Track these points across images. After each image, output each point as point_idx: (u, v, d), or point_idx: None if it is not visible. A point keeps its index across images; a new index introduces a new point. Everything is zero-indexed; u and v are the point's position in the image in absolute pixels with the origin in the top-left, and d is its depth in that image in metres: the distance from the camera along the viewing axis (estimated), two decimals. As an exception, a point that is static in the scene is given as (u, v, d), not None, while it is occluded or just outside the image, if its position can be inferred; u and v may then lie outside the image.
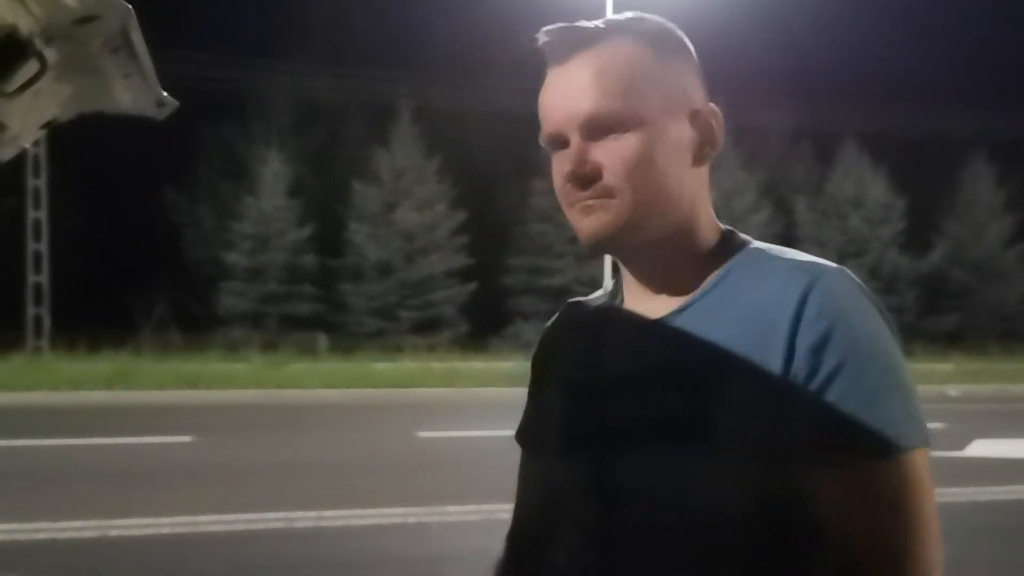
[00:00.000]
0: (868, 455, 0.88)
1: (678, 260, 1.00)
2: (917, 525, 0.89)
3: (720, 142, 1.02)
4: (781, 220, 29.23)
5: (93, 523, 5.54)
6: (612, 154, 0.96)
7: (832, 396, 0.89)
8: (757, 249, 1.02)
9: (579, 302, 1.16)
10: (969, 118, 29.79)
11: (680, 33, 1.03)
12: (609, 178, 0.96)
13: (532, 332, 26.02)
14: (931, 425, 0.94)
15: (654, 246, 0.99)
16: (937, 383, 16.74)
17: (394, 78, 27.47)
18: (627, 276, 1.05)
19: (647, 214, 0.97)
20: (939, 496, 0.84)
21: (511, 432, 1.19)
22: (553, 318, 1.18)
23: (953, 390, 16.72)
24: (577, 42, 0.98)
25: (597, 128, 0.96)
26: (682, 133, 0.99)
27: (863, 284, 0.97)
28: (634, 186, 0.96)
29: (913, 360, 21.88)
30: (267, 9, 33.95)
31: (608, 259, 19.70)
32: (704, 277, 1.00)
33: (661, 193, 0.97)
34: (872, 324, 0.94)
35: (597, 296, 1.14)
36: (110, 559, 5.04)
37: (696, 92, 1.01)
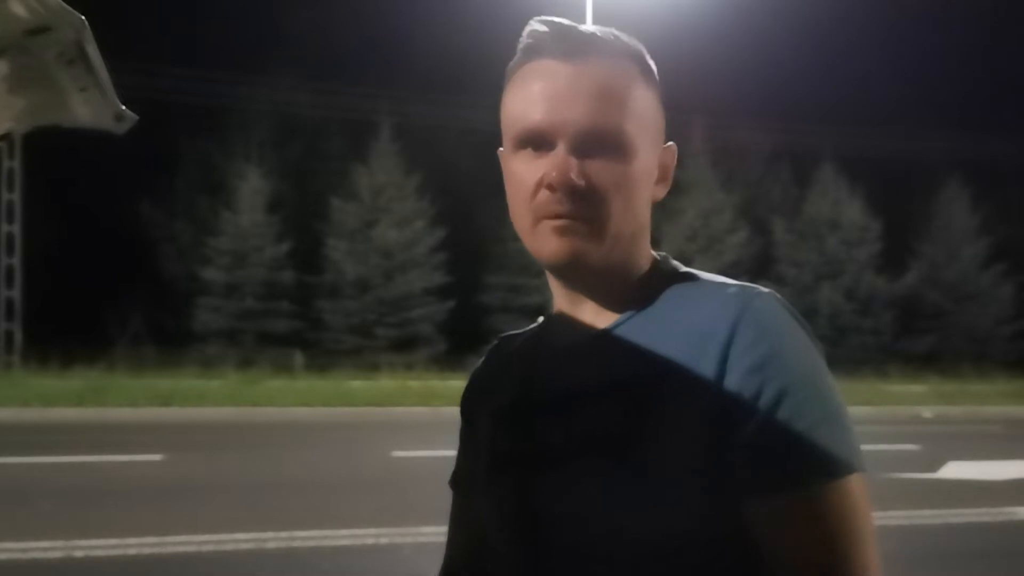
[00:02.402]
0: (810, 481, 0.87)
1: (616, 284, 0.98)
2: (859, 549, 0.87)
3: (671, 176, 1.01)
4: (759, 241, 29.47)
5: (59, 543, 5.44)
6: (602, 176, 0.91)
7: (773, 423, 0.87)
8: (688, 273, 1.00)
9: (510, 336, 1.13)
10: (944, 142, 30.26)
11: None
12: (596, 199, 0.92)
13: (510, 350, 25.95)
14: (906, 447, 0.93)
15: (601, 269, 0.96)
16: (911, 404, 16.87)
17: (374, 94, 27.53)
18: (558, 299, 1.03)
19: (615, 241, 0.94)
20: (913, 518, 0.82)
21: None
22: (482, 358, 1.15)
23: (927, 412, 16.84)
24: (582, 45, 0.93)
25: (590, 143, 0.91)
26: (654, 165, 0.98)
27: (793, 308, 0.95)
28: (616, 213, 0.93)
29: (888, 381, 22.08)
30: (247, 24, 33.97)
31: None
32: (636, 300, 0.98)
33: (633, 222, 0.96)
34: (808, 351, 0.92)
35: (529, 329, 1.11)
36: (75, 580, 4.94)
37: (663, 127, 1.00)
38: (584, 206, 0.91)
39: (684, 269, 1.01)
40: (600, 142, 0.91)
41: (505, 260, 28.08)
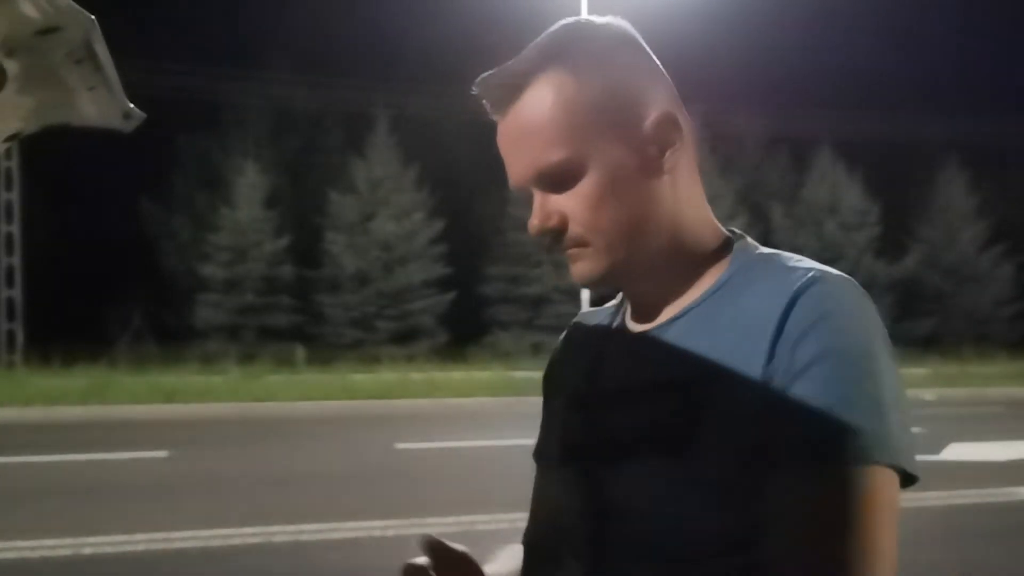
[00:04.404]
0: (825, 458, 0.80)
1: (674, 273, 0.95)
2: (871, 552, 0.80)
3: (677, 139, 0.92)
4: (758, 226, 29.44)
5: (66, 541, 5.46)
6: (573, 203, 0.92)
7: (801, 390, 0.82)
8: (761, 254, 0.95)
9: (588, 313, 1.13)
10: (942, 124, 30.20)
11: (626, 31, 0.95)
12: (576, 228, 0.92)
13: (511, 341, 26.00)
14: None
15: (645, 269, 0.95)
16: (913, 387, 16.87)
17: (371, 87, 27.45)
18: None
19: (629, 247, 0.92)
20: (915, 500, 0.78)
21: (490, 443, 1.17)
22: (563, 335, 1.15)
23: (929, 394, 16.85)
24: (505, 91, 0.93)
25: (551, 180, 0.92)
26: (640, 150, 0.92)
27: (867, 297, 0.89)
28: (604, 228, 0.92)
29: (889, 365, 22.05)
30: (243, 18, 33.86)
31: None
32: (704, 285, 0.95)
33: (636, 222, 0.92)
34: (862, 327, 0.86)
35: (607, 307, 1.10)
36: (84, 577, 4.96)
37: (648, 99, 0.93)
38: (570, 237, 0.94)
39: (760, 250, 0.96)
40: (556, 175, 0.92)
41: (505, 251, 28.06)
